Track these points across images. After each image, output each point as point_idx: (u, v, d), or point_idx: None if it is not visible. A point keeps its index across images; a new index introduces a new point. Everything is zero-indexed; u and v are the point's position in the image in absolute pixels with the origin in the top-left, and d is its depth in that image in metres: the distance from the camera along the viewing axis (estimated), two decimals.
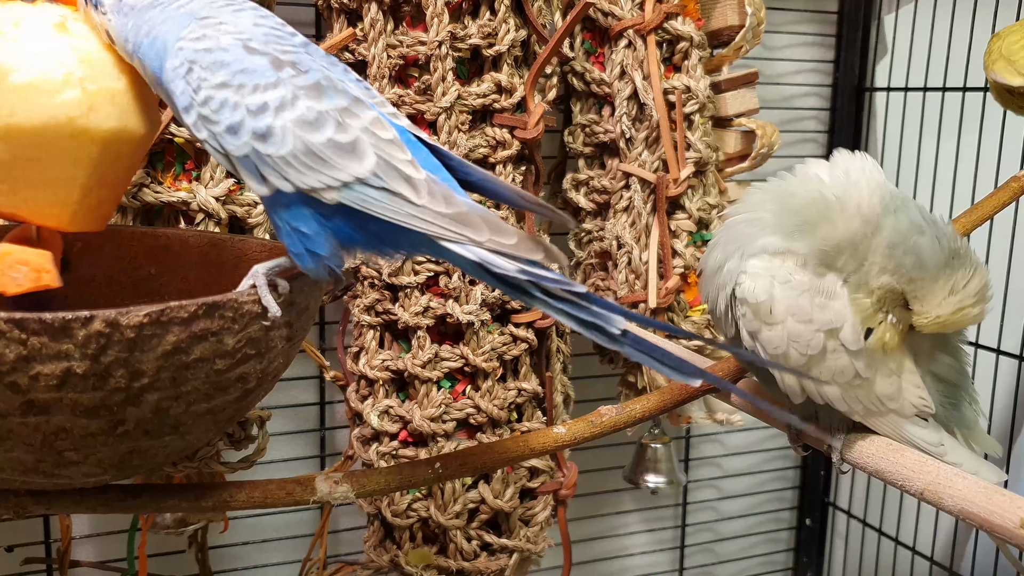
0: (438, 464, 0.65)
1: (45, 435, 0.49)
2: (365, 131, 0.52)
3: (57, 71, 0.54)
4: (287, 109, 0.51)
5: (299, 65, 0.52)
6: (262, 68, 0.51)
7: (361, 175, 0.51)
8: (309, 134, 0.51)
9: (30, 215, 0.56)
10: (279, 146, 0.51)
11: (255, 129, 0.51)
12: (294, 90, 0.51)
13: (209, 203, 0.78)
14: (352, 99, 0.53)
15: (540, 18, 0.87)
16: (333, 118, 0.51)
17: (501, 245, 0.50)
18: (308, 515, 1.06)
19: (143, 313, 0.47)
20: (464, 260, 0.51)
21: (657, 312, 0.93)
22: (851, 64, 1.19)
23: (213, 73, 0.51)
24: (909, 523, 1.18)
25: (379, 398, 0.87)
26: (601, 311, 0.50)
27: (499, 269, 0.50)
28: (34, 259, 0.54)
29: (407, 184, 0.51)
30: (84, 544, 0.97)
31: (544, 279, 0.50)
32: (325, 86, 0.52)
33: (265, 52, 0.52)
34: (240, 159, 0.52)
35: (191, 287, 0.69)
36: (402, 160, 0.52)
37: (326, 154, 0.51)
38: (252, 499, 0.62)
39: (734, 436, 1.27)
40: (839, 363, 0.56)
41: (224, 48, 0.52)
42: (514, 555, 0.90)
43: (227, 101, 0.51)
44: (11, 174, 0.54)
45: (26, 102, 0.53)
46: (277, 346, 0.54)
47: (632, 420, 0.69)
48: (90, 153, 0.55)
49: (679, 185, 0.92)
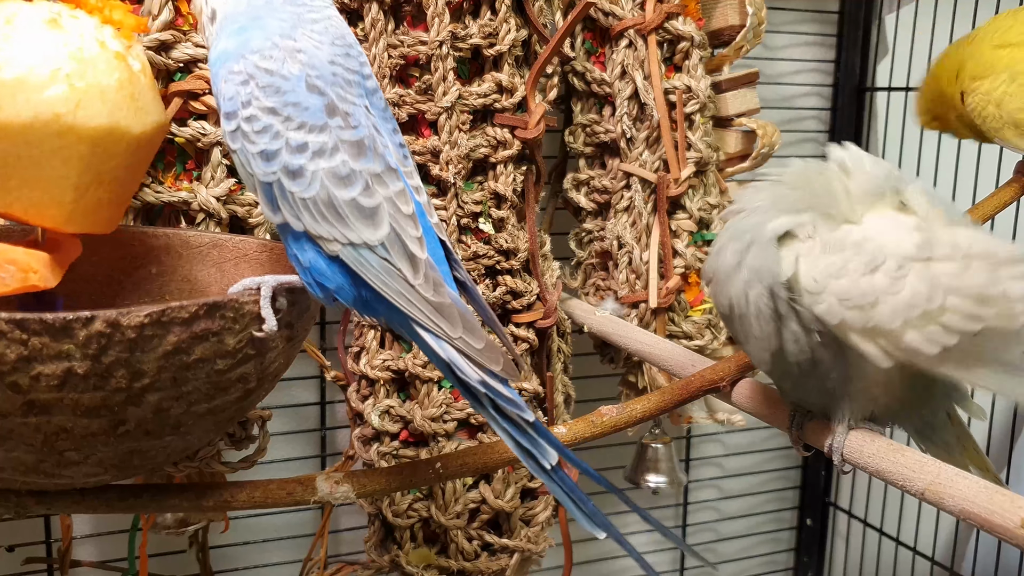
0: (439, 464, 0.65)
1: (46, 435, 0.49)
2: (389, 201, 0.53)
3: (44, 67, 0.54)
4: (324, 157, 0.51)
5: (351, 118, 0.53)
6: (315, 108, 0.52)
7: (371, 242, 0.52)
8: (336, 188, 0.51)
9: (25, 215, 0.56)
10: (305, 188, 0.51)
11: (287, 164, 0.51)
12: (337, 141, 0.52)
13: (210, 203, 0.78)
14: (386, 167, 0.53)
15: (541, 18, 0.87)
16: (364, 179, 0.52)
17: (468, 346, 0.52)
18: (309, 515, 1.06)
19: (144, 313, 0.47)
20: (434, 354, 0.53)
21: (658, 312, 0.93)
22: (852, 64, 1.19)
23: (267, 95, 0.52)
24: (910, 523, 1.18)
25: (380, 398, 0.87)
26: (541, 442, 0.53)
27: (462, 374, 0.52)
28: (23, 259, 0.54)
29: (408, 262, 0.52)
30: (85, 544, 0.97)
31: (500, 397, 0.52)
32: (367, 146, 0.53)
33: (324, 94, 0.52)
34: (263, 184, 0.52)
35: (192, 287, 0.69)
36: (412, 236, 0.53)
37: (345, 212, 0.51)
38: (253, 499, 0.62)
39: (735, 436, 1.27)
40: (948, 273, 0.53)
41: (286, 76, 0.52)
42: (515, 555, 0.90)
43: (270, 128, 0.52)
44: (1, 173, 0.54)
45: (13, 98, 0.53)
46: (278, 346, 0.55)
47: (633, 420, 0.69)
48: (79, 151, 0.55)
49: (680, 185, 0.92)
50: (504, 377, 0.52)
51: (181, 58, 0.75)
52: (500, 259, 0.86)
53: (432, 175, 0.83)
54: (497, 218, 0.86)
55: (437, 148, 0.83)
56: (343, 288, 0.54)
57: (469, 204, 0.84)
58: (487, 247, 0.85)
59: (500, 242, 0.86)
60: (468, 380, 0.52)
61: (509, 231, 0.86)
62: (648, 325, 0.93)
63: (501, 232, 0.86)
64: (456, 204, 0.84)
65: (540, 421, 0.54)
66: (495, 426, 0.53)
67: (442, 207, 0.84)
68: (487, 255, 0.85)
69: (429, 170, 0.83)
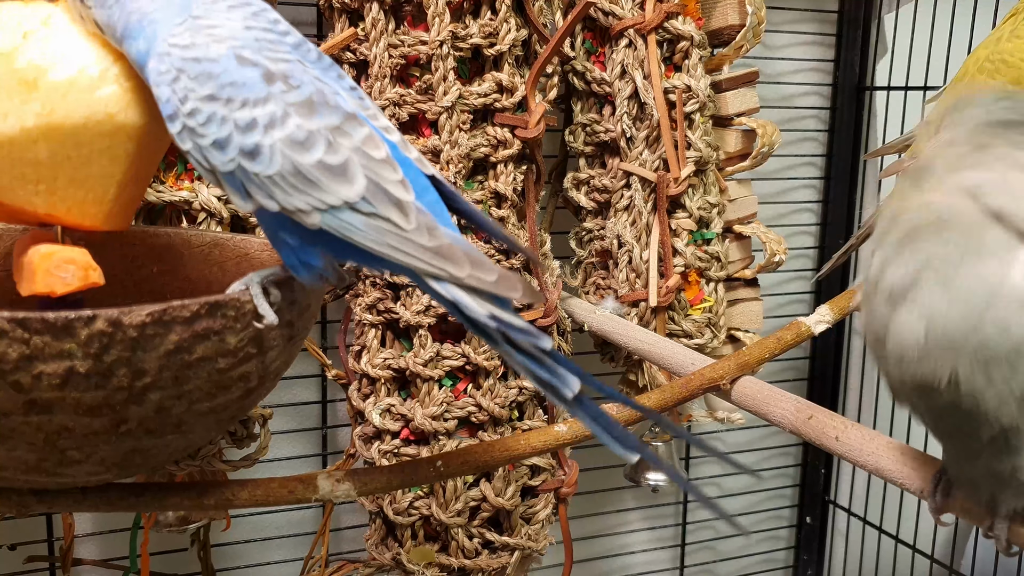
0: (440, 462, 0.65)
1: (48, 434, 0.49)
2: (356, 151, 0.50)
3: (94, 67, 0.54)
4: (276, 127, 0.49)
5: (291, 79, 0.50)
6: (252, 81, 0.49)
7: (350, 199, 0.49)
8: (298, 154, 0.49)
9: (67, 215, 0.56)
10: (267, 165, 0.49)
11: (242, 146, 0.49)
12: (285, 107, 0.49)
13: (211, 202, 0.78)
14: (344, 115, 0.51)
15: (541, 18, 0.87)
16: (324, 137, 0.49)
17: (480, 281, 0.49)
18: (310, 513, 1.06)
19: (145, 312, 0.47)
20: (440, 296, 0.50)
21: (658, 310, 0.94)
22: (851, 63, 1.19)
23: (201, 84, 0.49)
24: (910, 521, 1.18)
25: (381, 396, 0.87)
26: (561, 370, 0.49)
27: (471, 312, 0.49)
28: (80, 257, 0.54)
29: (396, 209, 0.50)
30: (87, 542, 0.97)
31: (512, 328, 0.49)
32: (317, 102, 0.50)
33: (257, 63, 0.50)
34: (225, 174, 0.50)
35: (193, 286, 0.69)
36: (393, 181, 0.50)
37: (315, 175, 0.49)
38: (254, 497, 0.62)
39: (735, 434, 1.27)
40: None
41: (213, 59, 0.50)
42: (515, 553, 0.90)
43: (215, 115, 0.49)
44: (50, 173, 0.54)
45: (65, 100, 0.53)
46: (279, 345, 0.55)
47: (633, 418, 0.70)
48: (127, 149, 0.55)
49: (680, 184, 0.93)
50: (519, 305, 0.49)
51: None
52: (500, 258, 0.86)
53: None
54: (497, 217, 0.86)
55: (437, 147, 0.83)
56: (342, 256, 0.52)
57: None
58: (487, 246, 0.85)
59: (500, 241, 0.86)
60: (477, 318, 0.49)
61: (509, 230, 0.87)
62: (648, 324, 0.94)
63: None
64: None
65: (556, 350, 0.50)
66: (512, 361, 0.50)
67: None
68: (487, 254, 0.86)
69: None
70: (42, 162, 0.54)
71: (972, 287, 0.42)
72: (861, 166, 1.21)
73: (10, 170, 0.54)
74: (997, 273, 0.41)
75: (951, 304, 0.42)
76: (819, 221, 1.25)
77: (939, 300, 0.42)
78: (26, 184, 0.54)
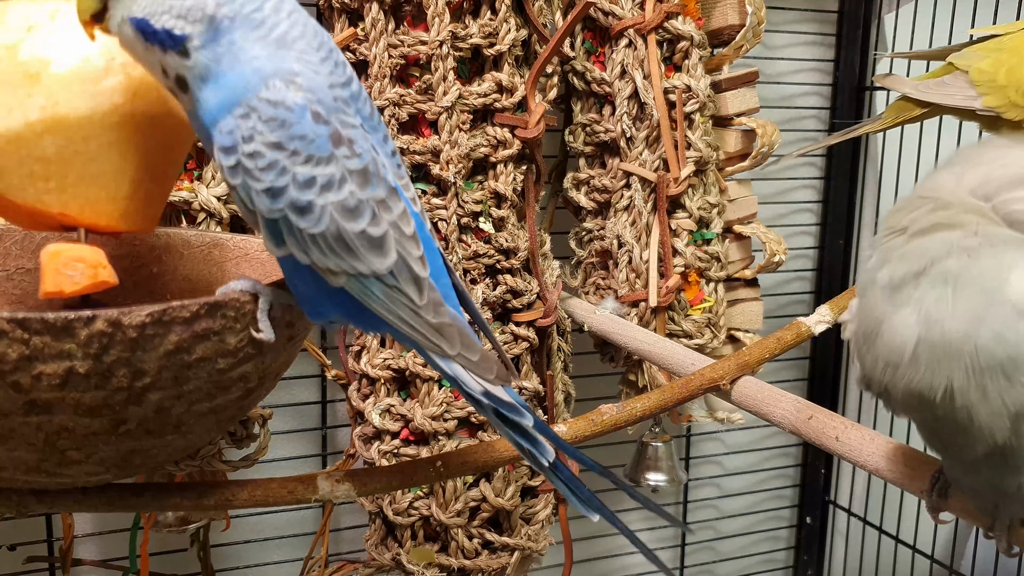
0: (439, 462, 0.65)
1: (47, 434, 0.49)
2: (393, 226, 0.51)
3: (99, 58, 0.53)
4: (332, 191, 0.49)
5: (355, 145, 0.50)
6: (321, 140, 0.49)
7: (379, 272, 0.51)
8: (346, 221, 0.49)
9: (80, 214, 0.55)
10: (314, 224, 0.49)
11: (295, 201, 0.49)
12: (344, 171, 0.49)
13: (211, 202, 0.78)
14: (389, 189, 0.51)
15: (541, 18, 0.87)
16: (371, 208, 0.50)
17: (466, 360, 0.52)
18: (310, 513, 1.06)
19: (145, 313, 0.47)
20: (439, 368, 0.54)
21: (658, 310, 0.94)
22: (851, 63, 1.19)
23: (272, 130, 0.48)
24: (910, 521, 1.18)
25: (381, 397, 0.87)
26: (541, 440, 0.55)
27: (467, 388, 0.53)
28: (90, 256, 0.53)
29: (414, 285, 0.51)
30: (86, 542, 0.97)
31: (502, 404, 0.53)
32: (371, 172, 0.50)
33: (328, 122, 0.49)
34: (267, 221, 0.50)
35: (193, 286, 0.69)
36: (415, 257, 0.52)
37: (355, 244, 0.50)
38: (254, 498, 0.62)
39: (735, 434, 1.27)
40: None
41: (290, 108, 0.48)
42: (515, 553, 0.90)
43: (276, 163, 0.48)
44: (59, 170, 0.53)
45: (69, 91, 0.52)
46: (279, 346, 0.55)
47: (633, 418, 0.70)
48: (137, 143, 0.54)
49: (679, 184, 0.93)
50: (504, 384, 0.53)
51: None
52: (500, 258, 0.86)
53: (432, 175, 0.83)
54: (497, 217, 0.86)
55: (437, 148, 0.83)
56: (344, 316, 0.53)
57: (469, 203, 0.85)
58: (487, 246, 0.85)
59: (500, 241, 0.86)
60: (472, 393, 0.53)
61: (509, 230, 0.87)
62: (648, 324, 0.94)
63: (501, 231, 0.86)
64: (456, 203, 0.84)
65: (540, 418, 0.55)
66: (499, 430, 0.55)
67: (442, 206, 0.84)
68: (487, 254, 0.86)
69: (429, 170, 0.83)
70: (50, 158, 0.53)
71: (973, 291, 0.40)
72: (861, 166, 1.21)
73: (18, 168, 0.53)
74: (997, 278, 0.40)
75: (954, 305, 0.40)
76: (819, 221, 1.25)
77: (942, 300, 0.41)
78: (36, 182, 0.53)
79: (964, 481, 0.49)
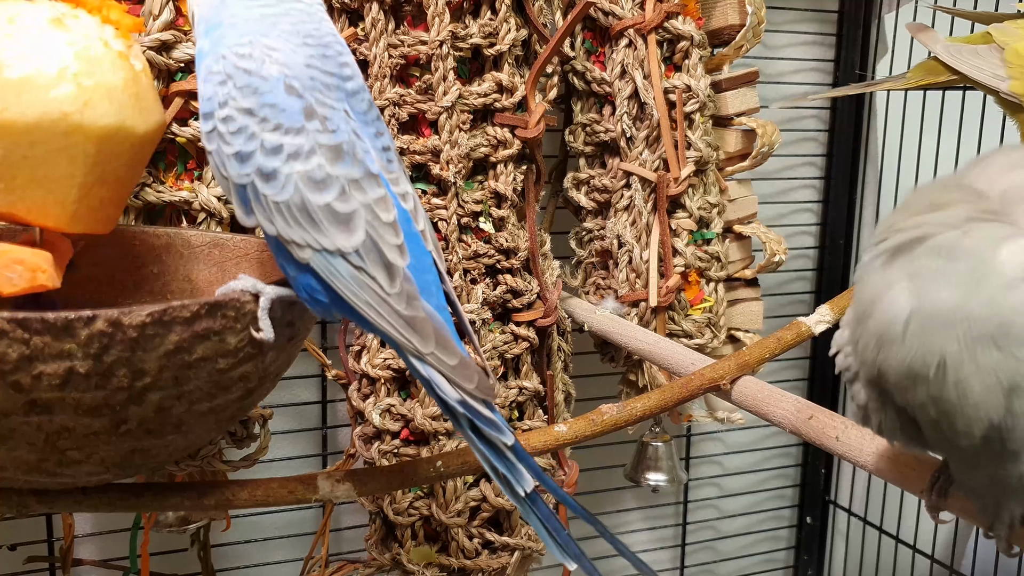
0: (440, 462, 0.65)
1: (48, 434, 0.49)
2: (366, 207, 0.51)
3: (51, 66, 0.53)
4: (299, 160, 0.50)
5: (329, 122, 0.51)
6: (292, 111, 0.51)
7: (344, 249, 0.50)
8: (310, 192, 0.50)
9: (28, 215, 0.56)
10: (278, 191, 0.50)
11: (261, 166, 0.50)
12: (314, 144, 0.50)
13: (211, 202, 0.78)
14: (366, 173, 0.52)
15: (541, 17, 0.87)
16: (340, 184, 0.51)
17: (440, 362, 0.50)
18: (310, 513, 1.06)
19: (145, 313, 0.47)
20: (413, 368, 0.51)
21: (658, 310, 0.94)
22: (851, 63, 1.19)
23: (244, 96, 0.51)
24: (910, 521, 1.18)
25: (381, 396, 0.87)
26: (519, 466, 0.51)
27: (440, 392, 0.50)
28: (30, 258, 0.54)
29: (385, 270, 0.51)
30: (87, 542, 0.97)
31: (479, 417, 0.50)
32: (345, 151, 0.51)
33: (302, 97, 0.51)
34: (237, 186, 0.51)
35: (193, 286, 0.69)
36: (391, 244, 0.51)
37: (319, 216, 0.50)
38: (254, 497, 0.62)
39: (735, 434, 1.27)
40: None
41: (264, 77, 0.51)
42: (515, 553, 0.90)
43: (246, 128, 0.50)
44: (7, 172, 0.54)
45: (19, 97, 0.53)
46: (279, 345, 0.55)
47: (633, 418, 0.70)
48: (86, 150, 0.55)
49: (680, 184, 0.93)
50: (483, 397, 0.50)
51: (182, 58, 0.76)
52: (500, 258, 0.86)
53: (432, 174, 0.83)
54: (497, 217, 0.86)
55: (437, 147, 0.83)
56: (319, 298, 0.52)
57: (469, 203, 0.85)
58: (487, 246, 0.85)
59: (500, 241, 0.86)
60: (447, 399, 0.51)
61: (509, 230, 0.87)
62: (648, 324, 0.94)
63: (501, 231, 0.86)
64: (456, 203, 0.84)
65: (519, 444, 0.52)
66: (472, 447, 0.51)
67: (442, 206, 0.84)
68: (487, 254, 0.86)
69: (429, 170, 0.83)
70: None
71: (965, 263, 0.40)
72: (861, 166, 1.21)
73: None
74: (989, 249, 0.40)
75: (946, 276, 0.40)
76: (819, 221, 1.25)
77: (934, 272, 0.40)
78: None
79: (966, 478, 0.49)
